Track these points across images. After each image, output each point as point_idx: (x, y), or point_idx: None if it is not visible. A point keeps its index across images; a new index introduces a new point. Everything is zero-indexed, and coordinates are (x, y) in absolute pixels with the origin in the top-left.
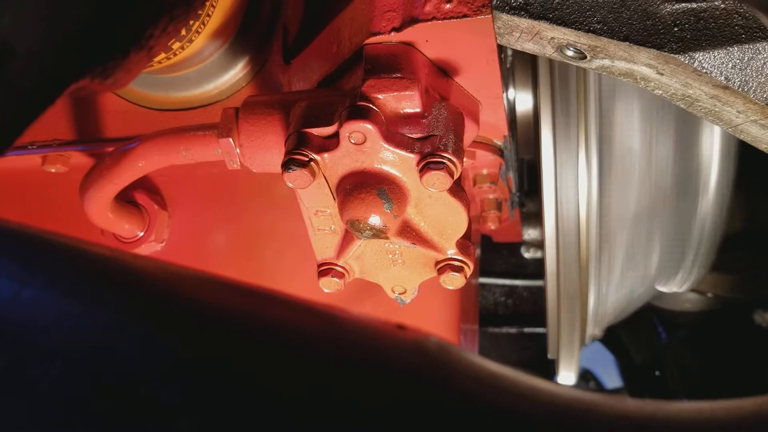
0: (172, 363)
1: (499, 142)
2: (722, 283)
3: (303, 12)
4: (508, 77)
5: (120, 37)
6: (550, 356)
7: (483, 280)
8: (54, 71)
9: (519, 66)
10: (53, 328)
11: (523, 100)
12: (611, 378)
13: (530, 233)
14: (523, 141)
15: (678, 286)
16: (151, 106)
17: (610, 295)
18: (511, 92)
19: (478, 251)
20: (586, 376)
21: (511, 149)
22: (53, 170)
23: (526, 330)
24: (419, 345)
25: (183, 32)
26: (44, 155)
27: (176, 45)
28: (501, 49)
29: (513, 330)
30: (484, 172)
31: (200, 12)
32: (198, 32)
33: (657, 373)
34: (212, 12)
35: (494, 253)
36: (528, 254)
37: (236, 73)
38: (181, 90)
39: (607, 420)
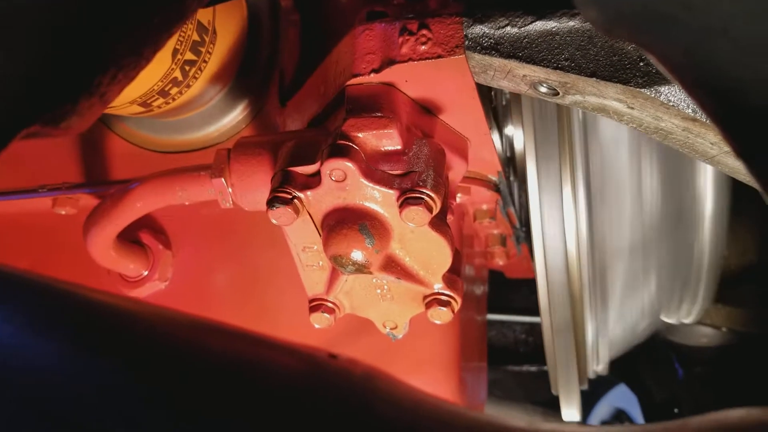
0: (123, 396)
1: (494, 178)
2: (736, 317)
3: (298, 56)
4: (505, 114)
5: (66, 86)
6: (553, 392)
7: (503, 317)
8: (1, 119)
9: (515, 103)
10: (10, 361)
11: (521, 137)
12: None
13: None
14: (525, 177)
15: (684, 318)
16: (156, 149)
17: (609, 330)
18: (510, 129)
19: (484, 287)
20: (620, 417)
21: (513, 185)
22: (63, 212)
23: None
24: (345, 372)
25: (179, 78)
26: (54, 198)
27: (174, 90)
28: (491, 87)
29: (533, 368)
30: (484, 207)
31: (196, 58)
32: (195, 78)
33: (676, 410)
34: (209, 58)
35: (513, 290)
36: None
37: (236, 115)
38: (184, 133)
39: None
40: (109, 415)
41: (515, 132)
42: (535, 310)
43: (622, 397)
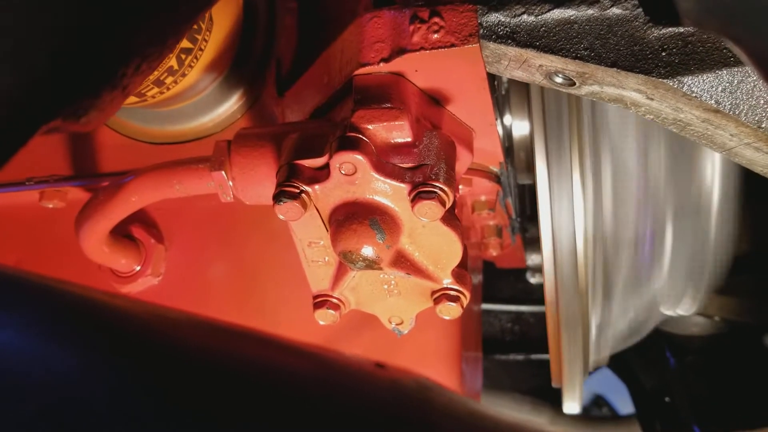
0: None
1: (495, 169)
2: (730, 306)
3: (296, 44)
4: (504, 104)
5: (90, 78)
6: (554, 384)
7: (489, 306)
8: (23, 113)
9: (515, 92)
10: (27, 371)
11: (519, 127)
12: (625, 404)
13: (534, 258)
14: (522, 167)
15: (685, 310)
16: (147, 140)
17: (613, 322)
18: (508, 119)
19: (479, 277)
20: (599, 402)
21: (510, 175)
22: (51, 206)
23: (533, 357)
24: (397, 384)
25: (175, 66)
26: (42, 191)
27: (169, 79)
28: (494, 76)
29: (520, 357)
30: (482, 198)
31: (192, 46)
32: (191, 66)
33: (667, 399)
34: (205, 46)
35: (500, 279)
36: (533, 279)
37: (231, 105)
38: (177, 123)
39: None
40: (125, 422)
41: (513, 122)
42: (520, 299)
43: (602, 382)
